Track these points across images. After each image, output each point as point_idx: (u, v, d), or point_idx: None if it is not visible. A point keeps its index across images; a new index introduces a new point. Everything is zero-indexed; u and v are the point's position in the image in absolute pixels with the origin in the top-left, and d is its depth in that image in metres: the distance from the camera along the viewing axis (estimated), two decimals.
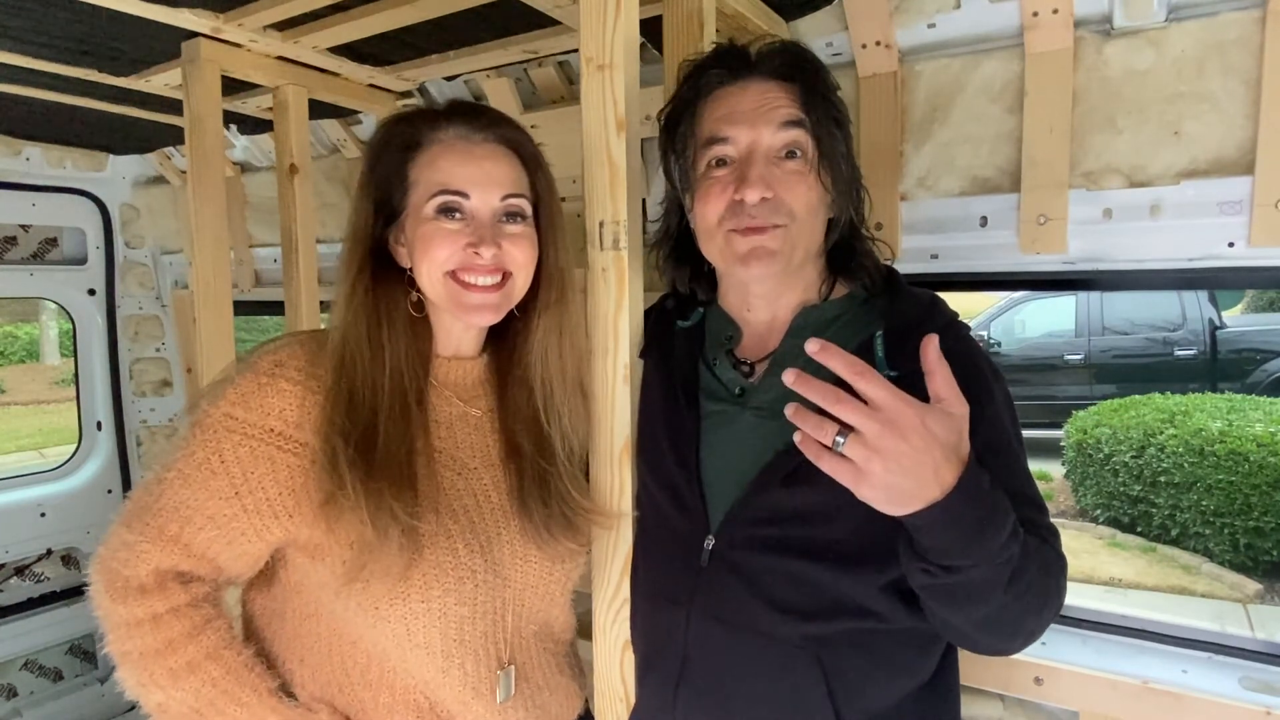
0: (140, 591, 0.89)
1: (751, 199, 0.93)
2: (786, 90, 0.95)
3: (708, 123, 0.97)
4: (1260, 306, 10.23)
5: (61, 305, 2.76)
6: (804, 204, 0.94)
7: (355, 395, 0.91)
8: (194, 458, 0.90)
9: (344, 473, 0.88)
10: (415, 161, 0.96)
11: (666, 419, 1.03)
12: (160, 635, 0.89)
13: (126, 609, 0.89)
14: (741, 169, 0.94)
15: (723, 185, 0.95)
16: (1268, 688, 1.33)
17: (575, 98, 1.60)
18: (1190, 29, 1.21)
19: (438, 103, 1.01)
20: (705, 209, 0.97)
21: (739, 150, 0.95)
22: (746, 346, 1.05)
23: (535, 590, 1.04)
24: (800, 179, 0.94)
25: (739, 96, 0.96)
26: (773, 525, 0.93)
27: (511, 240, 0.96)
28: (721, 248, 0.98)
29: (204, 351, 1.60)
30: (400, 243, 0.98)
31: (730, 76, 0.97)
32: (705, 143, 0.97)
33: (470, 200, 0.95)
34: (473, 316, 0.97)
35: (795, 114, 0.94)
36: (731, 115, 0.95)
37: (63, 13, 1.36)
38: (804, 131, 0.94)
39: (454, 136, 0.97)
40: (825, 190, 0.96)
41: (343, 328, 0.94)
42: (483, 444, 1.04)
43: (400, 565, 0.89)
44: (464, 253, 0.94)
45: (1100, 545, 5.35)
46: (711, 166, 0.97)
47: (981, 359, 0.95)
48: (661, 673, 1.01)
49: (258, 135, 2.26)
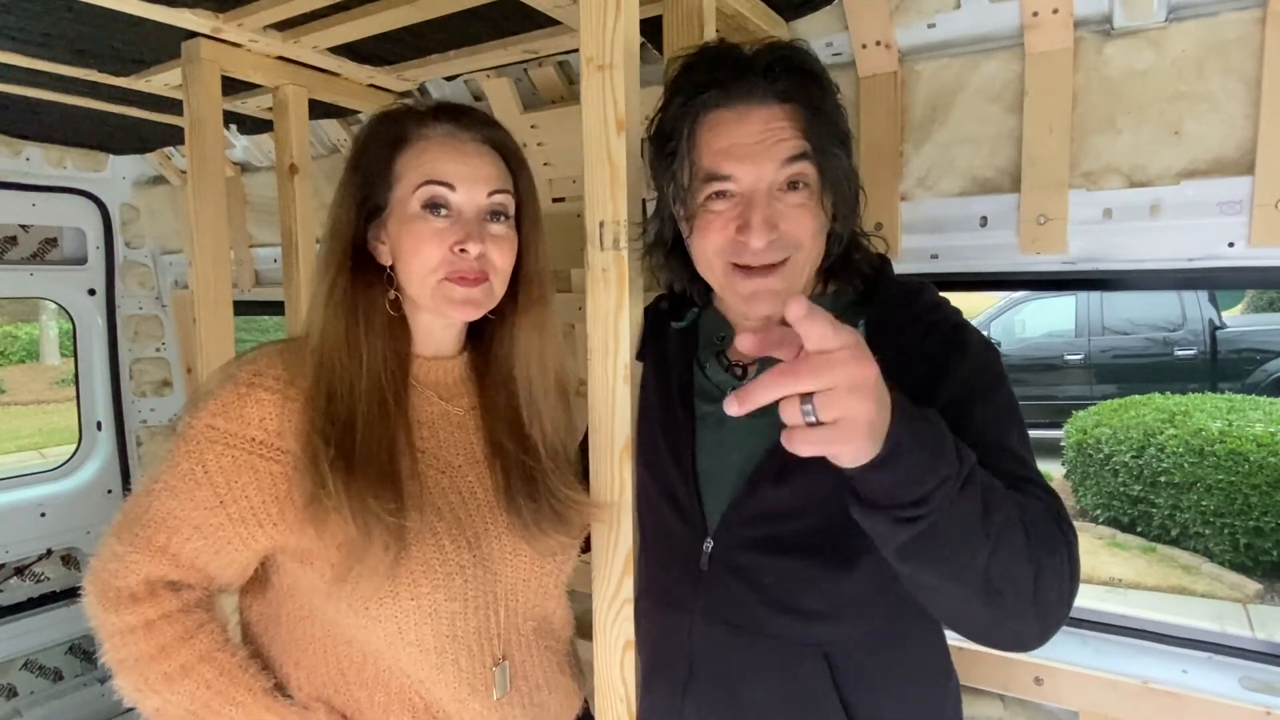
0: (132, 600, 0.90)
1: (758, 244, 0.88)
2: (789, 115, 0.89)
3: (706, 155, 0.91)
4: (1260, 306, 10.23)
5: (61, 305, 2.76)
6: (809, 234, 0.91)
7: (334, 396, 0.92)
8: (178, 469, 0.91)
9: (325, 473, 0.88)
10: (401, 156, 0.96)
11: (663, 421, 1.02)
12: (153, 641, 0.90)
13: (119, 617, 0.90)
14: (745, 211, 0.89)
15: (724, 221, 0.91)
16: (1268, 688, 1.33)
17: (575, 98, 1.60)
18: (1190, 29, 1.21)
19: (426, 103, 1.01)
20: (704, 242, 0.93)
21: (742, 188, 0.90)
22: (738, 349, 1.04)
23: (527, 585, 1.04)
24: (804, 210, 0.90)
25: (739, 127, 0.90)
26: (768, 524, 0.93)
27: (494, 241, 0.97)
28: (721, 281, 0.95)
29: (204, 351, 1.61)
30: (381, 240, 0.98)
31: (727, 98, 0.90)
32: (706, 177, 0.91)
33: (456, 194, 0.95)
34: (457, 312, 0.97)
35: (800, 145, 0.89)
36: (732, 150, 0.89)
37: (62, 13, 1.36)
38: (808, 162, 0.89)
39: (441, 134, 0.97)
40: (828, 216, 0.93)
41: (321, 327, 0.94)
42: (466, 442, 1.04)
43: (386, 564, 0.89)
44: (451, 254, 0.94)
45: (1100, 545, 5.35)
46: (711, 198, 0.92)
47: (968, 329, 0.92)
48: (668, 678, 1.00)
49: (258, 135, 2.26)
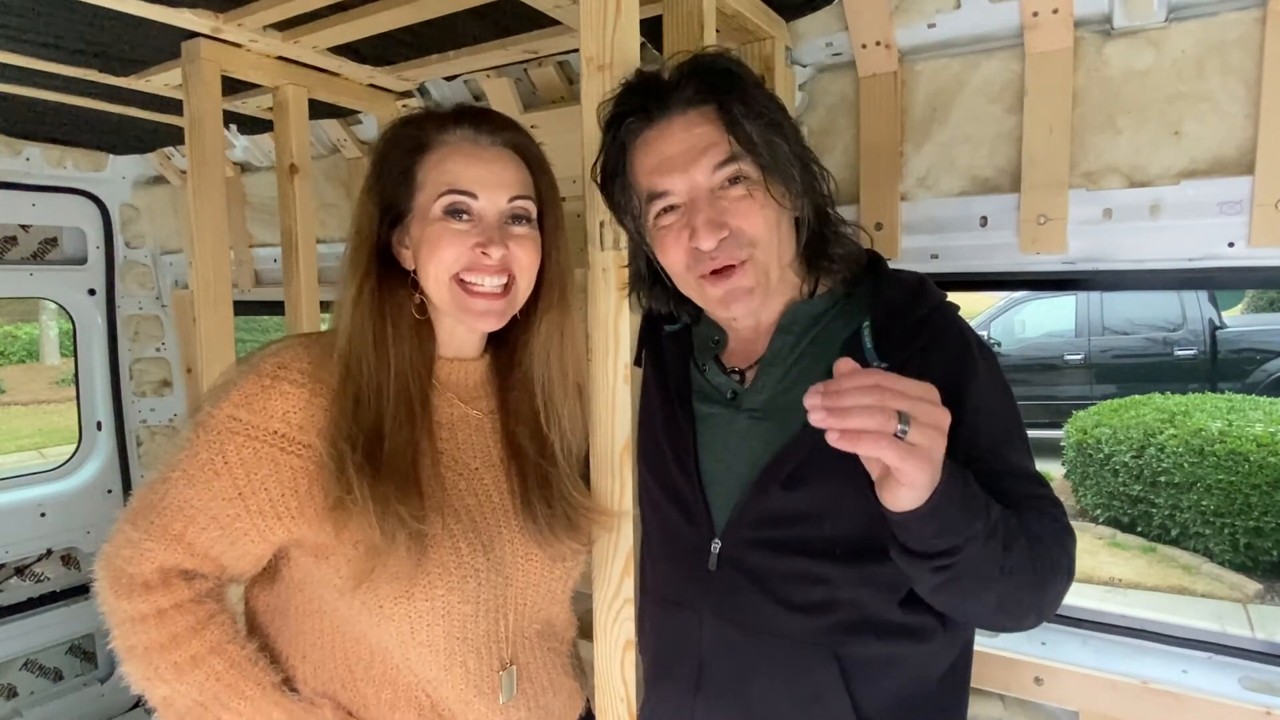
0: (145, 587, 0.90)
1: (707, 245, 0.89)
2: (710, 120, 0.90)
3: (642, 176, 0.93)
4: (1260, 306, 10.23)
5: (61, 305, 2.76)
6: (762, 227, 0.90)
7: (361, 400, 0.92)
8: (198, 458, 0.90)
9: (351, 478, 0.88)
10: (423, 163, 0.96)
11: (664, 423, 1.02)
12: (164, 630, 0.90)
13: (131, 604, 0.90)
14: (689, 216, 0.91)
15: (676, 233, 0.92)
16: (1268, 688, 1.33)
17: (575, 98, 1.60)
18: (1190, 29, 1.21)
19: (439, 104, 1.01)
20: (668, 259, 0.94)
21: (681, 199, 0.92)
22: (734, 352, 1.03)
23: (537, 589, 1.04)
24: (750, 203, 0.90)
25: (662, 141, 0.91)
26: (777, 526, 0.93)
27: (517, 242, 0.97)
28: (697, 294, 0.96)
29: (204, 351, 1.60)
30: (405, 245, 0.98)
31: (648, 119, 0.92)
32: (647, 198, 0.93)
33: (478, 201, 0.95)
34: (477, 322, 0.98)
35: (725, 149, 0.89)
36: (662, 165, 0.91)
37: (62, 12, 1.36)
38: (739, 162, 0.89)
39: (461, 139, 0.97)
40: (779, 204, 0.92)
41: (349, 331, 0.94)
42: (484, 445, 1.04)
43: (408, 568, 0.90)
44: (471, 253, 0.94)
45: (1100, 545, 5.35)
46: (661, 214, 0.94)
47: (971, 342, 0.93)
48: (678, 678, 1.00)
49: (258, 135, 2.26)
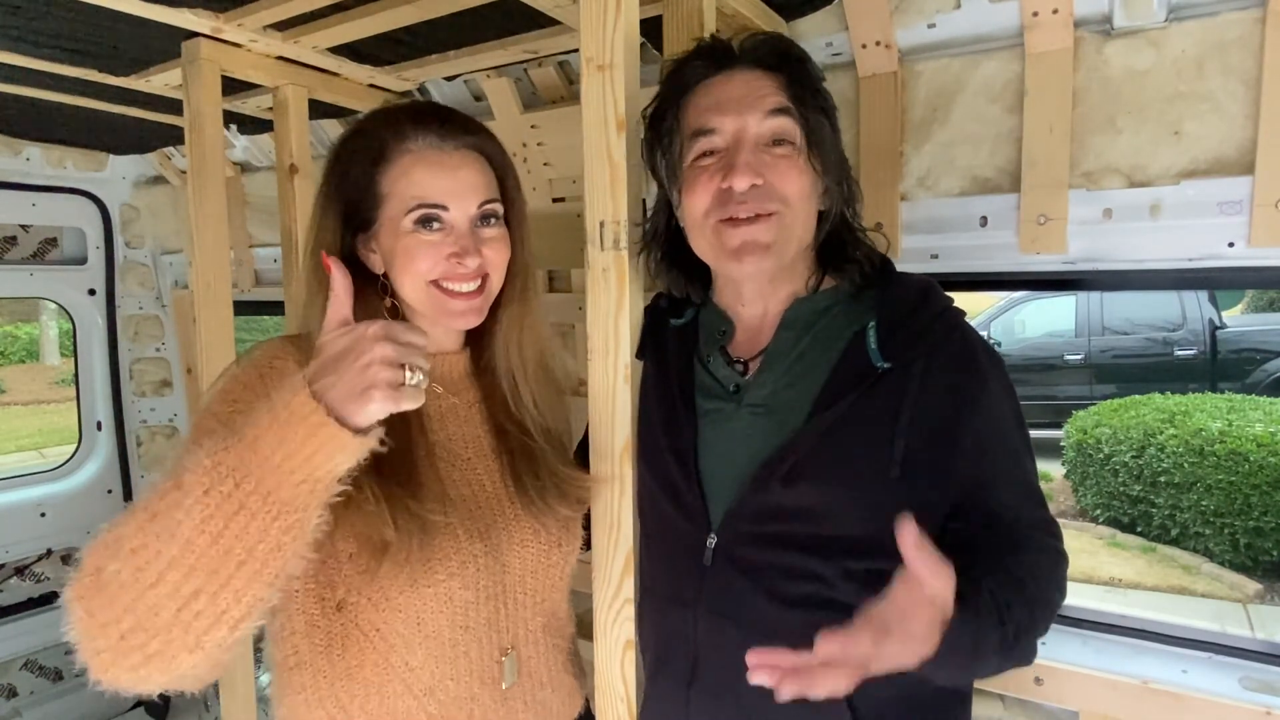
0: None
1: (740, 186, 0.91)
2: (772, 79, 0.94)
3: (693, 114, 0.96)
4: (1260, 306, 10.23)
5: (61, 305, 2.76)
6: (796, 189, 0.93)
7: None
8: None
9: (360, 480, 0.87)
10: (385, 174, 0.95)
11: (664, 418, 1.02)
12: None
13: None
14: (729, 157, 0.93)
15: (710, 174, 0.94)
16: (1268, 688, 1.33)
17: (575, 98, 1.60)
18: (1190, 29, 1.21)
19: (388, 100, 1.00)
20: (693, 200, 0.96)
21: (726, 139, 0.94)
22: (739, 343, 1.04)
23: (535, 575, 1.05)
24: (790, 164, 0.93)
25: (724, 86, 0.95)
26: (774, 522, 0.93)
27: (489, 244, 0.98)
28: (711, 241, 0.96)
29: (204, 351, 1.61)
30: (372, 249, 0.99)
31: (714, 68, 0.97)
32: (692, 135, 0.96)
33: (449, 212, 0.95)
34: (457, 322, 0.99)
35: (782, 101, 0.93)
36: (718, 104, 0.94)
37: (62, 13, 1.36)
38: (791, 119, 0.93)
39: (424, 146, 0.96)
40: (816, 176, 0.95)
41: None
42: (473, 435, 1.06)
43: (417, 556, 0.91)
44: (447, 263, 0.95)
45: (1100, 545, 5.35)
46: (699, 158, 0.96)
47: (978, 348, 0.94)
48: (673, 673, 1.01)
49: (258, 135, 2.26)
